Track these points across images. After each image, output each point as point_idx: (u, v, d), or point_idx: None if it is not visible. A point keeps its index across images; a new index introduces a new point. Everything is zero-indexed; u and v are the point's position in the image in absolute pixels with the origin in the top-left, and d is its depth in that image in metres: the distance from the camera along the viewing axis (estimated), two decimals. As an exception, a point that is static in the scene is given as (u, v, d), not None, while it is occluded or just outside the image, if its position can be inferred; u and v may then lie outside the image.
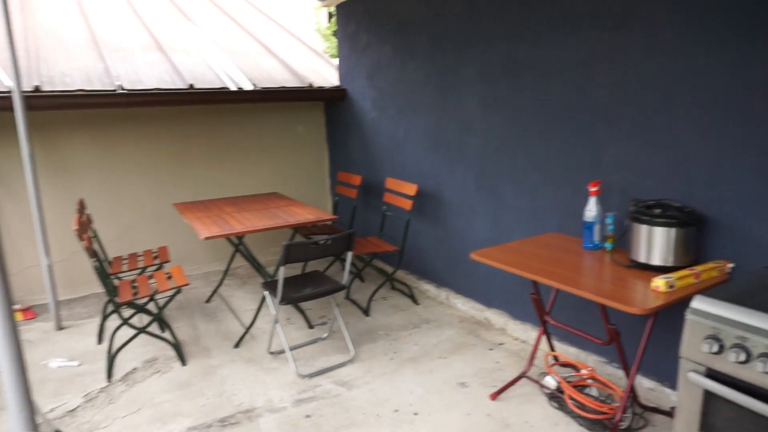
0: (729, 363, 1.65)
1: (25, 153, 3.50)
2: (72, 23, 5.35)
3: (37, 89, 3.82)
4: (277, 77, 5.03)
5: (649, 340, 2.27)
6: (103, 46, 4.85)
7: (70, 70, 4.29)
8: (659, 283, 2.06)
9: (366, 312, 3.90)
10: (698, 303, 1.75)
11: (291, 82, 4.96)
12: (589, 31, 2.73)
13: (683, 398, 1.80)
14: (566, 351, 3.09)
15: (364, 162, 4.83)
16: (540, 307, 2.69)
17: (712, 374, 1.71)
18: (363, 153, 4.83)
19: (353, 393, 2.87)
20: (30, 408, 1.25)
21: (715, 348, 1.66)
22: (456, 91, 3.65)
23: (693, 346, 1.74)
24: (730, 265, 2.24)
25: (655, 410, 2.54)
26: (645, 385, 2.67)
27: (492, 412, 2.65)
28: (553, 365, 2.82)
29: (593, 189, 2.61)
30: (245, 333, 3.54)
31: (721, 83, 2.23)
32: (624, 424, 2.39)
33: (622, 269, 2.34)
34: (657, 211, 2.29)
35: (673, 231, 2.23)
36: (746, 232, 2.22)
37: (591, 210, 2.62)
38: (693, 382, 1.74)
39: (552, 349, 2.90)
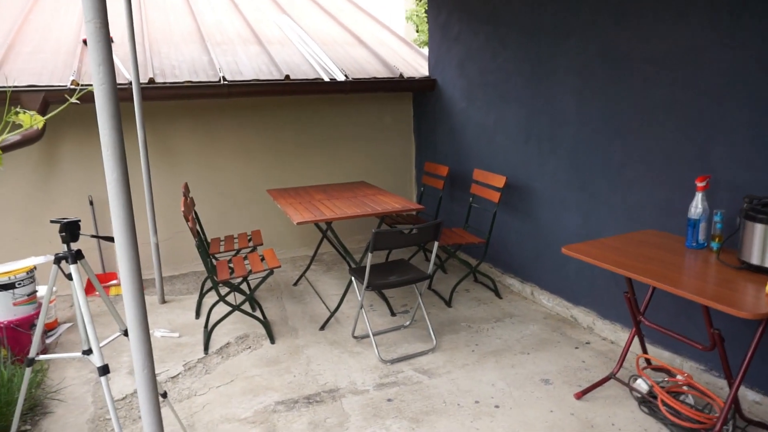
0: None
1: (141, 139, 3.82)
2: (179, 17, 5.74)
3: (151, 81, 4.14)
4: (368, 68, 5.11)
5: (758, 348, 2.10)
6: (207, 39, 5.17)
7: (178, 62, 4.61)
8: (773, 287, 1.90)
9: (448, 303, 3.91)
10: (820, 310, 1.59)
11: (381, 73, 5.03)
12: (701, 16, 2.54)
13: (797, 413, 1.66)
14: (659, 355, 2.93)
15: (451, 153, 4.81)
16: (634, 307, 2.56)
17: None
18: (450, 144, 4.81)
19: (434, 381, 2.89)
20: (151, 367, 1.39)
21: (840, 360, 1.51)
22: (548, 82, 3.54)
23: (812, 356, 1.59)
24: None
25: (761, 425, 2.35)
26: (750, 397, 2.48)
27: (576, 411, 2.57)
28: (645, 368, 2.68)
29: (701, 184, 2.44)
30: (331, 316, 3.67)
31: None
32: (724, 437, 2.24)
33: (731, 270, 2.18)
34: (774, 209, 2.10)
35: (791, 232, 2.05)
36: None
37: (697, 206, 2.45)
38: (810, 395, 1.60)
39: (644, 351, 2.76)
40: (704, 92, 2.58)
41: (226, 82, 4.32)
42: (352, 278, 3.33)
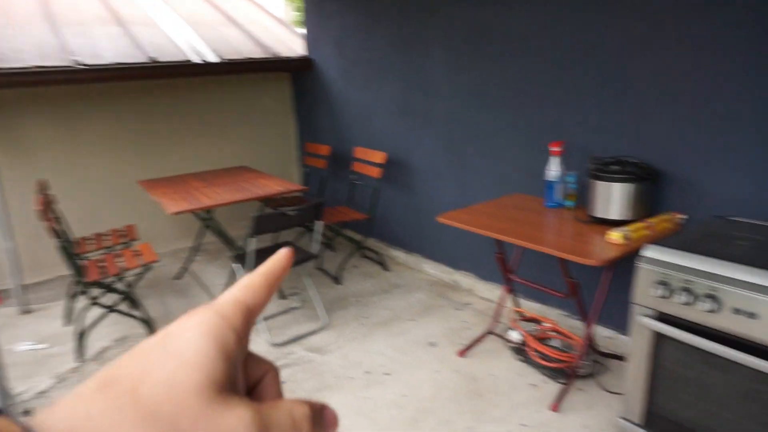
0: (676, 305, 1.74)
1: (-20, 132, 3.39)
2: (22, -3, 5.14)
3: (-12, 66, 3.68)
4: (242, 48, 4.93)
5: (607, 291, 2.36)
6: (56, 20, 4.69)
7: (23, 45, 4.14)
8: (615, 235, 2.13)
9: (337, 280, 3.95)
10: (649, 251, 1.83)
11: (256, 53, 4.88)
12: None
13: (635, 341, 1.90)
14: (531, 307, 3.19)
15: (332, 132, 4.81)
16: (504, 266, 2.76)
17: (661, 317, 1.80)
18: (331, 123, 4.81)
19: (326, 358, 2.92)
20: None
21: (664, 292, 1.75)
22: (421, 57, 3.65)
23: (643, 291, 1.82)
24: (682, 216, 2.34)
25: (613, 356, 2.66)
26: (603, 333, 2.79)
27: (460, 368, 2.74)
28: (518, 321, 2.91)
29: (555, 149, 2.66)
30: (218, 306, 3.55)
31: (673, 47, 2.28)
32: (583, 371, 2.50)
33: (582, 225, 2.42)
34: (614, 167, 2.35)
35: (629, 186, 2.31)
36: (695, 185, 2.31)
37: (553, 170, 2.68)
38: (643, 325, 1.83)
39: (517, 305, 2.99)
40: (556, 66, 2.80)
41: (82, 67, 3.96)
42: (234, 266, 3.25)
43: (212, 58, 4.54)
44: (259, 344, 3.09)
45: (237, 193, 3.49)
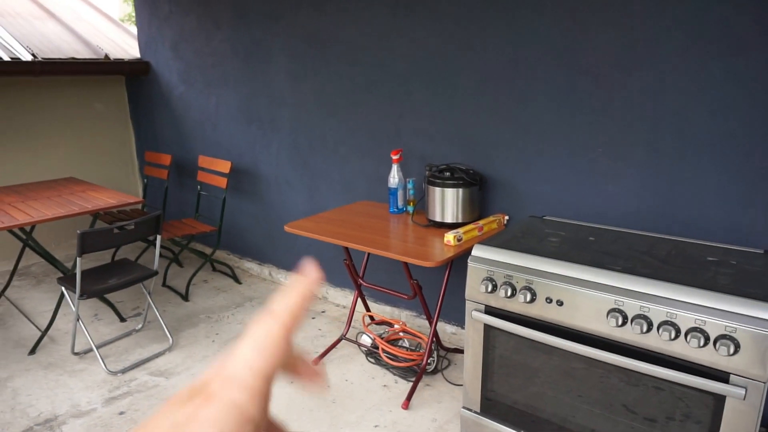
0: (501, 299, 1.92)
1: None
2: None
3: None
4: (64, 47, 4.44)
5: (447, 289, 2.53)
6: None
7: None
8: (449, 237, 2.30)
9: (185, 297, 3.73)
10: (476, 251, 1.99)
11: (82, 53, 4.42)
12: (384, 7, 2.87)
13: (470, 334, 2.06)
14: (382, 310, 3.30)
15: (174, 140, 4.54)
16: (353, 272, 2.83)
17: (490, 310, 1.97)
18: (172, 130, 4.53)
19: (172, 381, 2.74)
20: None
21: (490, 288, 1.92)
22: (265, 64, 3.60)
23: (474, 288, 1.99)
24: (507, 217, 2.59)
25: (457, 351, 2.86)
26: (448, 330, 2.98)
27: (315, 376, 2.74)
28: (369, 324, 3.00)
29: (395, 157, 2.79)
30: (42, 336, 3.15)
31: (490, 63, 2.52)
32: (430, 367, 2.66)
33: (422, 229, 2.57)
34: (447, 174, 2.53)
35: (460, 191, 2.50)
36: (516, 188, 2.58)
37: (394, 177, 2.80)
38: (475, 319, 1.99)
39: (368, 309, 3.08)
40: (393, 76, 2.93)
41: None
42: (63, 288, 2.92)
43: (26, 56, 4.02)
44: (96, 374, 2.81)
45: (60, 208, 3.13)
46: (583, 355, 1.79)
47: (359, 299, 2.97)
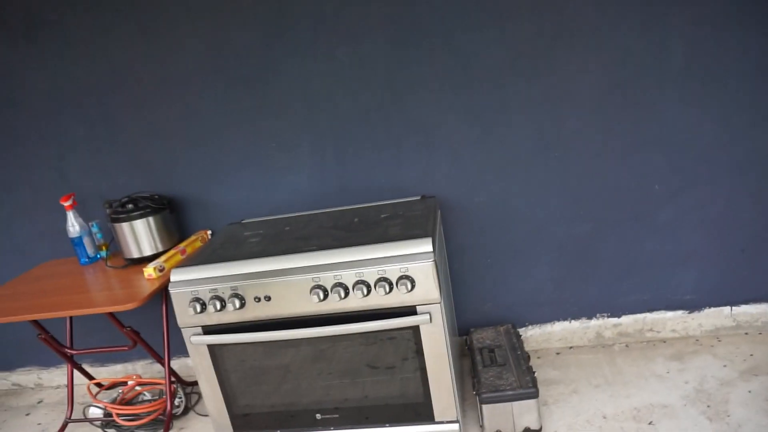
0: (212, 314, 1.88)
1: None
2: None
3: None
4: None
5: (170, 322, 2.37)
6: None
7: None
8: (150, 271, 2.15)
9: None
10: (174, 275, 1.90)
11: None
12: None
13: (197, 361, 1.97)
14: (113, 371, 2.94)
15: None
16: (55, 345, 2.43)
17: (208, 330, 1.92)
18: None
19: None
20: None
21: (199, 308, 1.86)
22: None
23: (184, 313, 1.90)
24: (209, 232, 2.54)
25: (193, 383, 2.72)
26: (189, 363, 2.82)
27: (42, 480, 2.30)
28: (97, 394, 2.64)
29: (67, 203, 2.46)
30: None
31: (142, 84, 2.41)
32: (179, 409, 2.48)
33: (121, 271, 2.34)
34: (130, 206, 2.35)
35: (150, 220, 2.35)
36: (211, 201, 2.54)
37: (73, 225, 2.48)
38: (195, 343, 1.92)
39: (91, 378, 2.70)
40: (39, 114, 2.56)
41: None
42: None
43: None
44: None
45: None
46: (303, 338, 1.88)
47: (74, 371, 2.57)
